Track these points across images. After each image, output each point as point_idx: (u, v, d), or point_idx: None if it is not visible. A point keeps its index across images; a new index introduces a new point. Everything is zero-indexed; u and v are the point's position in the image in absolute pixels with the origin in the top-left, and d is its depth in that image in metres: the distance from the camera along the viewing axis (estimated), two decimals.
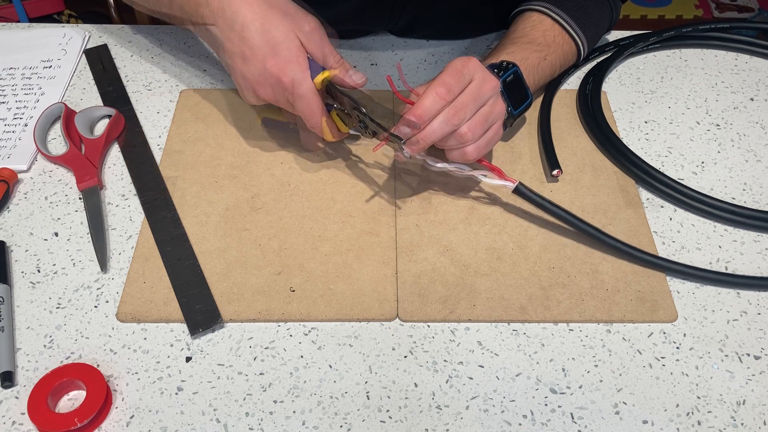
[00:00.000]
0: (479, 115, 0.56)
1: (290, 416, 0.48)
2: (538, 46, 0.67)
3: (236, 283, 0.55)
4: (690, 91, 0.74)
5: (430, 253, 0.57)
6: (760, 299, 0.55)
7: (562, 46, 0.69)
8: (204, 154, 0.65)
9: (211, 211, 0.60)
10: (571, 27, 0.69)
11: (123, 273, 0.56)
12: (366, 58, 0.76)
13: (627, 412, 0.49)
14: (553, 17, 0.68)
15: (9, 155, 0.64)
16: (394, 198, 0.61)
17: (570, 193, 0.62)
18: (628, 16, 1.94)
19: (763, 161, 0.67)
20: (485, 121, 0.56)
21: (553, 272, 0.56)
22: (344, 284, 0.55)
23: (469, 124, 0.55)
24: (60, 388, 0.48)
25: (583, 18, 0.69)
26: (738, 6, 2.00)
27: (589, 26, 0.70)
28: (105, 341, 0.52)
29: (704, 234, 0.60)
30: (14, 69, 0.74)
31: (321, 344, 0.52)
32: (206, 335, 0.52)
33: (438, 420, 0.48)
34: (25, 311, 0.53)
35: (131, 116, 0.68)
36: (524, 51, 0.65)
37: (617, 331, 0.53)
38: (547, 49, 0.67)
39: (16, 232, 0.59)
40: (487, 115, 0.56)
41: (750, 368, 0.51)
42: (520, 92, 0.62)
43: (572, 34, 0.69)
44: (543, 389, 0.50)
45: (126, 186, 0.63)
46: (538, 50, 0.66)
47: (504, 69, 0.60)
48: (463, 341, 0.52)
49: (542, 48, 0.67)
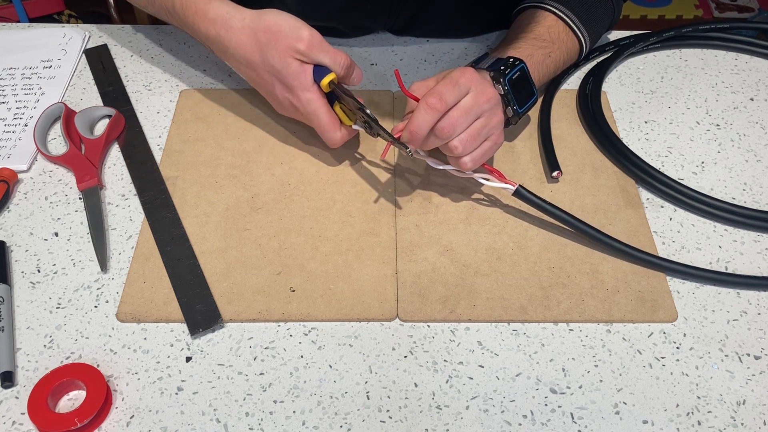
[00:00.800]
0: (472, 129, 0.55)
1: (290, 416, 0.48)
2: (543, 42, 0.66)
3: (236, 283, 0.55)
4: (690, 91, 0.74)
5: (430, 253, 0.57)
6: (760, 299, 0.55)
7: (566, 43, 0.69)
8: (204, 154, 0.65)
9: (211, 211, 0.60)
10: (574, 24, 0.69)
11: (123, 273, 0.56)
12: (366, 58, 0.76)
13: (627, 412, 0.49)
14: (557, 14, 0.68)
15: (9, 155, 0.64)
16: (394, 198, 0.61)
17: (570, 193, 0.62)
18: (628, 16, 1.94)
19: (763, 161, 0.67)
20: (478, 135, 0.56)
21: (553, 272, 0.56)
22: (344, 284, 0.55)
23: (461, 138, 0.55)
24: (60, 388, 0.48)
25: (586, 15, 0.69)
26: (738, 6, 2.00)
27: (591, 24, 0.70)
28: (105, 341, 0.52)
29: (704, 234, 0.60)
30: (14, 69, 0.74)
31: (321, 344, 0.52)
32: (206, 335, 0.52)
33: (438, 420, 0.48)
34: (25, 311, 0.53)
35: (131, 116, 0.68)
36: (530, 47, 0.65)
37: (617, 331, 0.53)
38: (552, 46, 0.67)
39: (16, 232, 0.59)
40: (480, 128, 0.56)
41: (750, 368, 0.51)
42: (526, 89, 0.61)
43: (576, 31, 0.69)
44: (543, 389, 0.50)
45: (126, 186, 0.63)
46: (543, 46, 0.66)
47: (511, 66, 0.60)
48: (463, 341, 0.52)
49: (547, 44, 0.67)
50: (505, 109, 0.61)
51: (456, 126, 0.54)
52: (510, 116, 0.62)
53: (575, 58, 0.72)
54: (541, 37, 0.67)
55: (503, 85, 0.59)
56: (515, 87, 0.60)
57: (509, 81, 0.59)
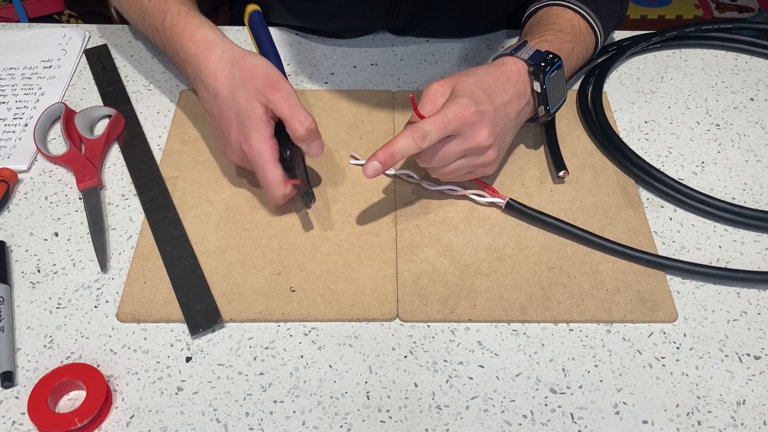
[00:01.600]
0: (456, 164, 0.56)
1: (290, 416, 0.48)
2: (569, 36, 0.65)
3: (236, 283, 0.55)
4: (690, 91, 0.74)
5: (430, 253, 0.57)
6: (760, 299, 0.55)
7: (585, 37, 0.67)
8: (204, 154, 0.65)
9: (211, 211, 0.60)
10: (592, 19, 0.67)
11: (123, 273, 0.56)
12: (366, 58, 0.76)
13: (627, 412, 0.49)
14: (575, 8, 0.67)
15: (9, 155, 0.64)
16: (394, 198, 0.61)
17: (570, 193, 0.62)
18: (628, 16, 1.93)
19: (763, 161, 0.67)
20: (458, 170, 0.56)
21: (553, 272, 0.56)
22: (344, 284, 0.55)
23: (443, 171, 0.57)
24: (60, 388, 0.48)
25: (601, 11, 0.68)
26: (738, 6, 2.00)
27: (605, 20, 0.69)
28: (105, 341, 0.52)
29: (704, 234, 0.60)
30: (14, 69, 0.74)
31: (321, 344, 0.52)
32: (206, 335, 0.52)
33: (438, 420, 0.48)
34: (25, 311, 0.53)
35: (131, 116, 0.68)
36: (559, 40, 0.63)
37: (617, 331, 0.53)
38: (575, 40, 0.65)
39: (16, 232, 0.59)
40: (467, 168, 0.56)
41: (750, 368, 0.51)
42: (560, 88, 0.60)
43: (594, 26, 0.67)
44: (543, 389, 0.50)
45: (126, 186, 0.63)
46: (569, 40, 0.64)
47: (550, 63, 0.58)
48: (463, 341, 0.52)
49: (572, 38, 0.65)
50: (537, 108, 0.60)
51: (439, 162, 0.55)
52: (541, 115, 0.61)
53: (591, 55, 0.71)
54: (566, 30, 0.65)
55: (542, 84, 0.58)
56: (551, 85, 0.59)
57: (548, 79, 0.58)
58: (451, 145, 0.54)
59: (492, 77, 0.57)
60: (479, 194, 0.60)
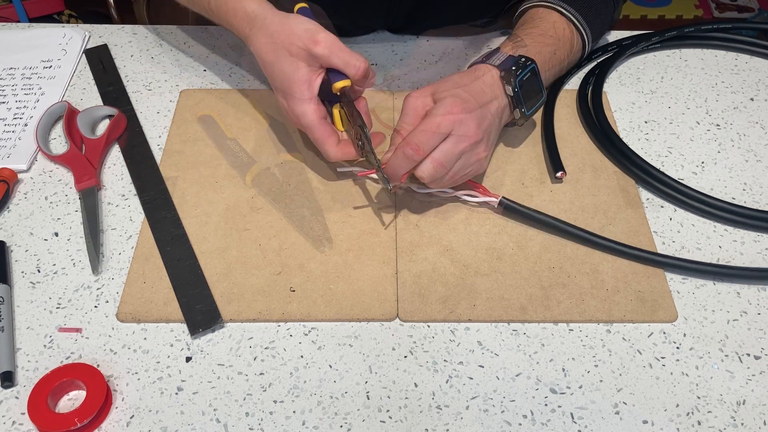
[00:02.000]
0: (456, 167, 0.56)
1: (290, 416, 0.48)
2: (550, 39, 0.66)
3: (236, 283, 0.55)
4: (690, 91, 0.74)
5: (430, 253, 0.57)
6: (760, 299, 0.55)
7: (570, 40, 0.68)
8: (204, 154, 0.65)
9: (211, 211, 0.60)
10: (578, 21, 0.68)
11: (123, 273, 0.56)
12: (366, 58, 0.76)
13: (627, 412, 0.49)
14: (561, 11, 0.67)
15: (9, 155, 0.64)
16: (394, 198, 0.61)
17: (570, 193, 0.62)
18: (628, 16, 1.94)
19: (763, 161, 0.67)
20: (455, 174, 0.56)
21: (553, 272, 0.56)
22: (344, 284, 0.55)
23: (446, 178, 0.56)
24: (60, 388, 0.48)
25: (589, 14, 0.69)
26: (738, 6, 2.00)
27: (594, 23, 0.70)
28: (105, 341, 0.52)
29: (704, 234, 0.60)
30: (14, 69, 0.74)
31: (321, 344, 0.52)
32: (206, 335, 0.52)
33: (438, 420, 0.48)
34: (25, 311, 0.53)
35: (131, 116, 0.68)
36: (538, 44, 0.64)
37: (617, 331, 0.53)
38: (557, 43, 0.66)
39: (16, 232, 0.59)
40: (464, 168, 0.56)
41: (750, 368, 0.51)
42: (535, 91, 0.61)
43: (580, 29, 0.68)
44: (543, 389, 0.50)
45: (126, 186, 0.63)
46: (549, 43, 0.65)
47: (522, 66, 0.59)
48: (463, 341, 0.52)
49: (553, 41, 0.66)
50: (513, 111, 0.61)
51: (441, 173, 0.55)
52: (517, 118, 0.61)
53: (577, 59, 0.72)
54: (547, 34, 0.66)
55: (513, 87, 0.59)
56: (525, 88, 0.59)
57: (519, 82, 0.59)
58: (444, 147, 0.54)
59: (469, 80, 0.59)
60: (471, 194, 0.60)
